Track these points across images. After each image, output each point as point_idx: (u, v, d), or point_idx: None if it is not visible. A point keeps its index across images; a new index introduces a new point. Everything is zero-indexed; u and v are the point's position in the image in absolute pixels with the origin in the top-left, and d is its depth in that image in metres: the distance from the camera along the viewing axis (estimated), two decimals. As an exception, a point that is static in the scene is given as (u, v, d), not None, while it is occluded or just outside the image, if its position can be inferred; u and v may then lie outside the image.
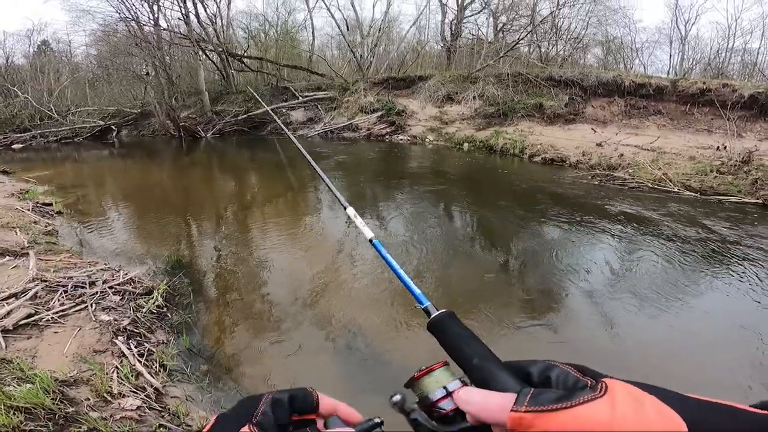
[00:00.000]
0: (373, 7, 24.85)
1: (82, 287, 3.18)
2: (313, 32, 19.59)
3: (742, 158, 8.02)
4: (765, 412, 0.28)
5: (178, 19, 15.66)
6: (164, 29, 15.53)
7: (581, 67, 13.45)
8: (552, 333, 3.12)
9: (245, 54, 17.73)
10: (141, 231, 5.41)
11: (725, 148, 8.70)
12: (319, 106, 14.96)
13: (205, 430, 0.38)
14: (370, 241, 0.74)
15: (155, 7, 14.95)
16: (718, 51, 16.78)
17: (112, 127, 15.33)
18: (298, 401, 0.41)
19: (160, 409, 2.20)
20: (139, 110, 15.93)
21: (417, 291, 0.56)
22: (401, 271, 0.62)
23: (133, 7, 14.60)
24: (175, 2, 14.88)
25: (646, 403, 0.28)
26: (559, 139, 10.33)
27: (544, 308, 3.46)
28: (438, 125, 12.73)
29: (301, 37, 20.49)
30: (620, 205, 6.36)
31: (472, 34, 17.73)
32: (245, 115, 14.75)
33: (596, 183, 7.85)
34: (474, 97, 12.65)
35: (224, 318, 3.29)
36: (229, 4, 17.05)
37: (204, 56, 16.63)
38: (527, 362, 0.36)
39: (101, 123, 15.16)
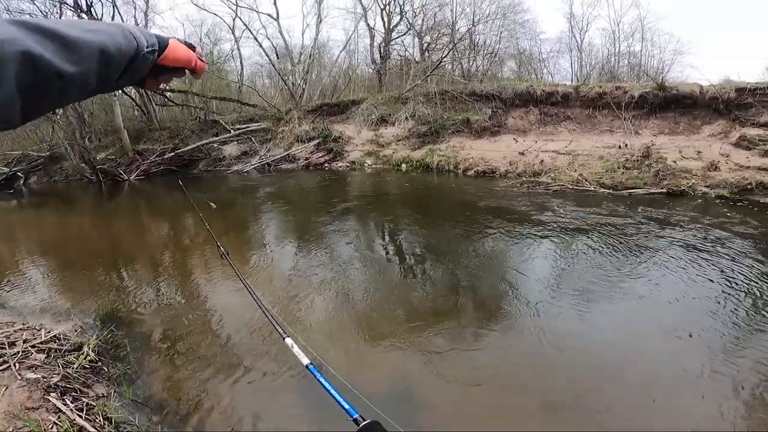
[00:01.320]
0: (303, 34, 25.22)
1: (1, 348, 2.96)
2: (241, 62, 19.31)
3: (642, 153, 9.18)
4: None
5: (86, 55, 14.55)
6: (69, 66, 14.34)
7: (499, 81, 14.65)
8: (501, 342, 3.31)
9: (167, 87, 16.89)
10: (63, 286, 5.00)
11: (626, 145, 9.92)
12: (253, 138, 14.61)
13: None
14: (306, 366, 0.77)
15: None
16: (608, 56, 19.18)
17: (19, 173, 13.71)
18: None
19: None
20: (47, 153, 14.44)
21: (346, 405, 0.62)
22: (334, 392, 0.67)
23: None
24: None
25: None
26: (488, 152, 11.09)
27: (491, 319, 3.66)
28: (375, 148, 13.05)
29: (228, 67, 20.11)
30: (547, 209, 6.97)
31: (400, 56, 18.62)
32: (172, 153, 13.95)
33: (525, 190, 8.53)
34: (406, 118, 13.19)
35: (169, 365, 3.16)
36: None
37: (119, 92, 15.60)
38: None
39: (5, 170, 13.53)
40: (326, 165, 13.17)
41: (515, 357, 3.16)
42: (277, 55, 18.29)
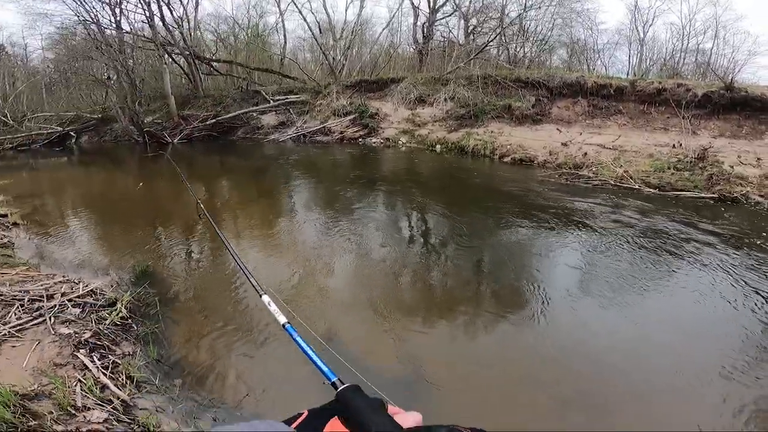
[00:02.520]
0: (346, 9, 24.81)
1: (40, 300, 3.06)
2: (284, 35, 19.44)
3: (697, 155, 8.53)
4: None
5: (142, 22, 15.16)
6: (127, 32, 14.98)
7: (547, 69, 13.98)
8: (527, 330, 3.23)
9: (214, 57, 17.35)
10: (103, 241, 5.21)
11: (681, 145, 9.24)
12: (290, 109, 14.81)
13: (297, 422, 0.41)
14: (283, 326, 0.75)
15: (117, 10, 14.40)
16: (673, 51, 17.83)
17: (71, 133, 14.62)
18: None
19: (128, 421, 2.14)
20: (99, 115, 15.28)
21: (325, 368, 0.60)
22: (312, 353, 0.66)
23: (93, 10, 14.01)
24: (139, 5, 14.39)
25: None
26: (527, 140, 10.68)
27: (513, 305, 3.58)
28: (411, 127, 12.89)
29: (272, 40, 20.34)
30: (586, 203, 6.65)
31: (444, 37, 18.10)
32: (214, 120, 14.39)
33: (563, 182, 8.17)
34: (445, 99, 12.89)
35: (194, 327, 3.21)
36: (197, 6, 16.76)
37: (170, 60, 16.18)
38: (431, 427, 0.40)
39: (59, 129, 14.46)
40: (360, 140, 13.17)
41: (525, 346, 3.07)
42: (320, 29, 18.27)
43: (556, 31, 16.93)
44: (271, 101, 15.07)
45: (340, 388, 0.50)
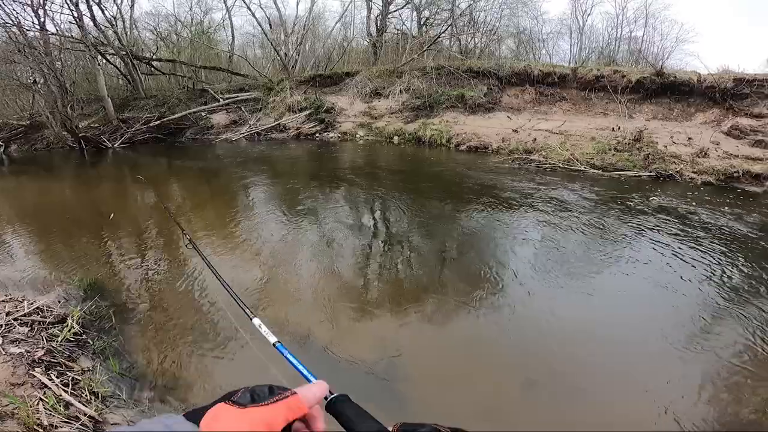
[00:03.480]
0: (297, 4, 24.16)
1: None
2: (232, 32, 18.65)
3: (634, 137, 9.15)
4: None
5: (70, 22, 13.98)
6: (53, 34, 13.75)
7: (497, 59, 14.37)
8: (490, 314, 3.31)
9: (154, 57, 16.32)
10: (45, 255, 4.79)
11: (619, 128, 9.87)
12: (242, 107, 14.25)
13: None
14: (274, 345, 0.78)
15: (41, 11, 13.15)
16: (609, 40, 18.92)
17: (-2, 142, 13.24)
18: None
19: None
20: (27, 122, 13.92)
21: (312, 378, 0.63)
22: (303, 368, 0.69)
23: (14, 12, 12.70)
24: (65, 5, 13.22)
25: None
26: (481, 128, 10.97)
27: (479, 288, 3.65)
28: (367, 120, 12.83)
29: (219, 37, 19.45)
30: (538, 186, 6.94)
31: (397, 29, 18.09)
32: (158, 122, 13.54)
33: (516, 166, 8.48)
34: (401, 91, 12.94)
35: (155, 337, 3.08)
36: (132, 5, 15.76)
37: (104, 61, 15.05)
38: (417, 425, 0.43)
39: None
40: (317, 135, 12.95)
41: (489, 329, 3.15)
42: (270, 25, 17.67)
43: (504, 21, 17.43)
44: (221, 100, 14.41)
45: (329, 398, 0.51)
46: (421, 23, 17.28)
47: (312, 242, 4.84)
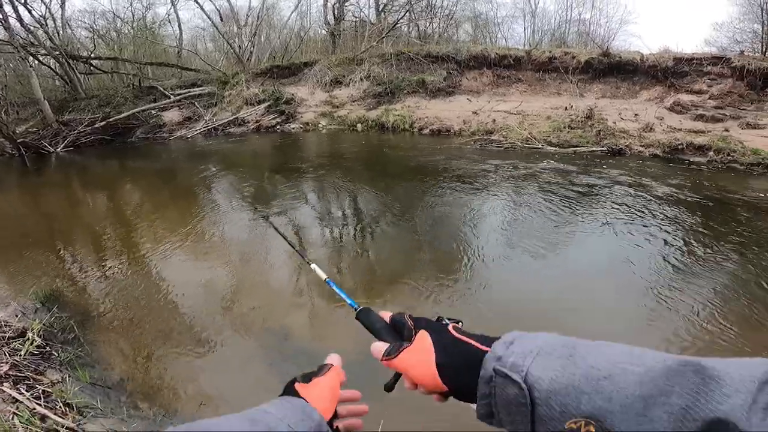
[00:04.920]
0: (249, -6, 23.05)
1: None
2: (179, 26, 17.70)
3: (586, 114, 9.60)
4: (486, 348, 0.43)
5: (-6, 25, 12.85)
6: (-25, 36, 12.61)
7: (455, 43, 14.52)
8: (462, 288, 3.41)
9: (92, 55, 15.25)
10: None
11: (572, 107, 10.32)
12: (196, 103, 13.57)
13: None
14: (325, 281, 0.86)
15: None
16: (560, 22, 19.61)
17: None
18: None
19: None
20: (-45, 130, 12.63)
21: (349, 300, 0.73)
22: (341, 292, 0.78)
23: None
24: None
25: (425, 339, 0.49)
26: (443, 111, 11.11)
27: (452, 269, 3.74)
28: (329, 109, 12.64)
29: (165, 32, 18.42)
30: (500, 164, 7.14)
31: (355, 17, 17.83)
32: (103, 123, 12.67)
33: (477, 147, 8.68)
34: (361, 79, 12.81)
35: (124, 343, 2.99)
36: (63, 3, 14.87)
37: (36, 62, 13.98)
38: (400, 319, 0.56)
39: None
40: (278, 127, 12.60)
41: (467, 308, 3.23)
42: (221, 17, 16.90)
43: (460, 6, 17.59)
44: (172, 96, 13.66)
45: (358, 309, 0.65)
46: (380, 10, 17.13)
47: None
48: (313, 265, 0.96)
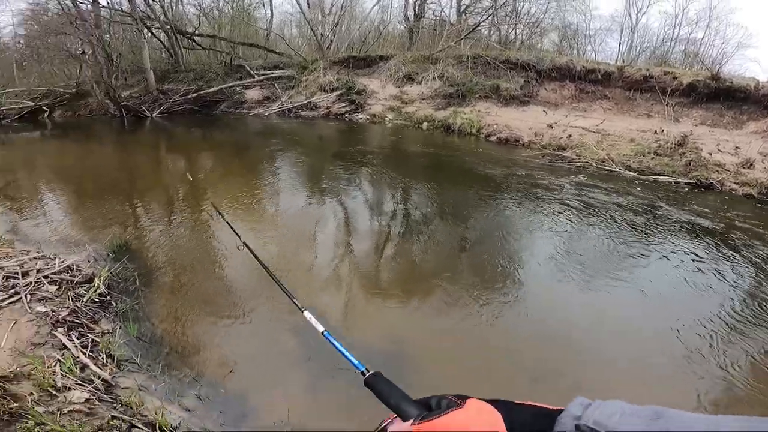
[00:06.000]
0: (336, -15, 23.72)
1: (14, 278, 2.94)
2: (271, 9, 18.83)
3: (678, 141, 8.69)
4: (559, 408, 0.43)
5: (120, -3, 14.48)
6: (104, 7, 14.31)
7: (537, 52, 13.85)
8: (507, 307, 3.31)
9: (196, 32, 16.65)
10: (79, 216, 5.04)
11: (663, 131, 9.40)
12: (276, 84, 14.41)
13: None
14: (322, 333, 0.82)
15: (93, -14, 13.64)
16: (663, 40, 17.82)
17: (43, 107, 13.95)
18: None
19: (110, 400, 2.10)
20: (74, 90, 14.59)
21: (355, 361, 0.69)
22: (346, 351, 0.74)
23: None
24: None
25: (484, 410, 0.47)
26: (514, 120, 10.68)
27: (489, 280, 3.64)
28: (398, 104, 12.73)
29: (258, 15, 19.62)
30: (568, 184, 6.75)
31: (435, 15, 17.65)
32: (195, 94, 13.92)
33: (546, 162, 8.26)
34: (434, 78, 12.72)
35: (175, 303, 3.16)
36: None
37: (149, 34, 15.51)
38: (429, 397, 0.52)
39: (30, 104, 13.74)
40: (346, 116, 12.97)
41: (506, 322, 3.14)
42: (308, 4, 17.62)
43: (549, 15, 16.68)
44: (256, 76, 14.62)
45: (367, 375, 0.61)
46: (461, 10, 16.78)
47: (333, 223, 4.94)
48: (306, 313, 0.88)
